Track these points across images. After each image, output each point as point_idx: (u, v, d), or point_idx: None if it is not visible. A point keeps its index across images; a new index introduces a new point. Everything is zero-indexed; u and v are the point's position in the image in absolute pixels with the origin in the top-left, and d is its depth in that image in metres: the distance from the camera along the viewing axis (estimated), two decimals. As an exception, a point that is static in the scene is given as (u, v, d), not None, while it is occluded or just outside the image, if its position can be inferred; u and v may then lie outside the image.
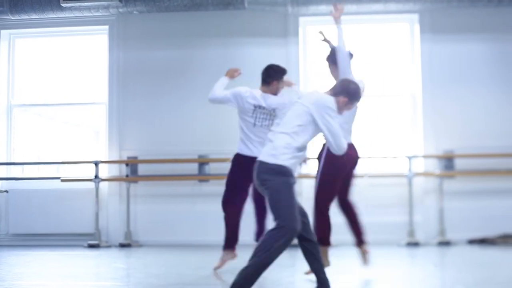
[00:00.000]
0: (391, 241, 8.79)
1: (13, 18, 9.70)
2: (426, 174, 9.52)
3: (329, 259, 6.05)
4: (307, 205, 4.92)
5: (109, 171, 9.97)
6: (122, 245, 9.45)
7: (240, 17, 9.86)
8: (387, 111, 9.98)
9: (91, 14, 9.63)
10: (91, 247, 9.33)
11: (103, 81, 10.22)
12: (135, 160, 9.82)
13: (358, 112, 6.10)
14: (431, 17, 9.73)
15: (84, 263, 7.88)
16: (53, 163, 10.13)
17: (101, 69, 10.29)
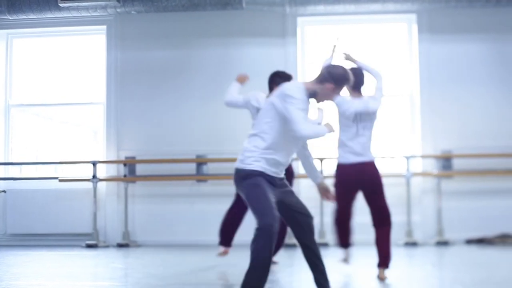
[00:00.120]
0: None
1: (11, 18, 9.69)
2: (424, 174, 9.53)
3: (349, 259, 6.38)
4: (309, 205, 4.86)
5: (107, 171, 9.96)
6: (120, 245, 9.44)
7: (238, 17, 9.86)
8: (385, 111, 9.97)
9: (89, 14, 9.62)
10: (89, 247, 9.32)
11: (101, 81, 10.21)
12: (133, 160, 9.81)
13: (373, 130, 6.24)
14: (429, 17, 9.74)
15: (82, 263, 7.88)
16: (51, 163, 10.12)
17: (99, 69, 10.28)
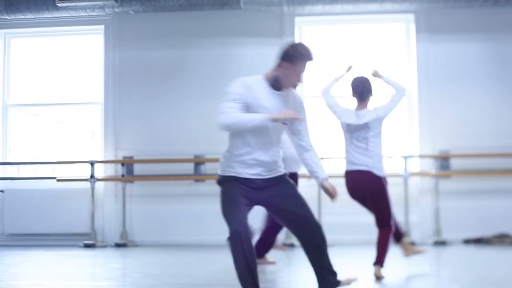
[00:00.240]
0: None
1: (8, 17, 9.69)
2: (421, 174, 9.53)
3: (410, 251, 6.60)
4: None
5: (105, 171, 9.95)
6: (118, 245, 9.44)
7: (236, 17, 9.86)
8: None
9: (87, 13, 9.62)
10: (87, 247, 9.32)
11: (99, 81, 10.20)
12: (131, 160, 9.81)
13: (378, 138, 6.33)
14: (427, 17, 9.74)
15: (79, 263, 7.87)
16: (48, 163, 10.12)
17: (96, 69, 10.27)
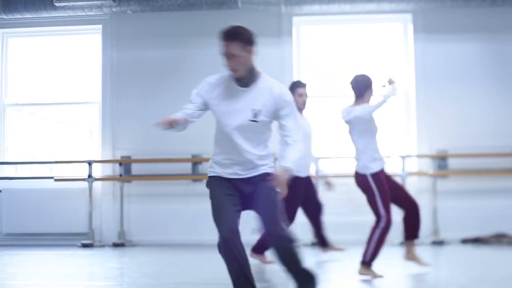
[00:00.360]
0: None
1: (6, 17, 9.68)
2: (419, 173, 9.54)
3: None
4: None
5: (103, 170, 9.95)
6: (115, 245, 9.44)
7: (233, 16, 9.82)
8: (380, 111, 9.96)
9: (85, 13, 9.61)
10: (85, 246, 9.31)
11: (97, 80, 10.20)
12: (128, 159, 9.81)
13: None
14: (425, 16, 9.75)
15: (77, 262, 7.86)
16: (46, 163, 10.10)
17: (94, 68, 10.27)
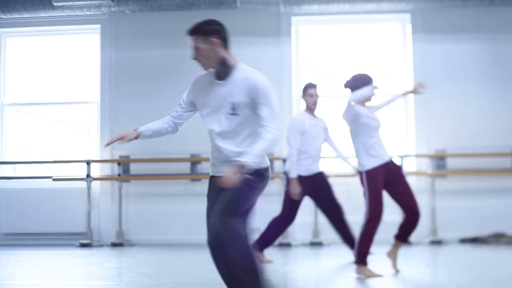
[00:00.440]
0: (383, 241, 8.79)
1: (4, 17, 9.66)
2: (418, 173, 9.54)
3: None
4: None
5: (101, 170, 9.94)
6: (114, 244, 9.43)
7: (232, 16, 9.82)
8: (379, 110, 9.96)
9: (83, 13, 9.61)
10: (83, 246, 9.31)
11: (95, 80, 10.19)
12: (127, 159, 9.80)
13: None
14: (423, 16, 9.75)
15: (75, 262, 7.86)
16: (44, 162, 10.10)
17: (93, 68, 10.26)
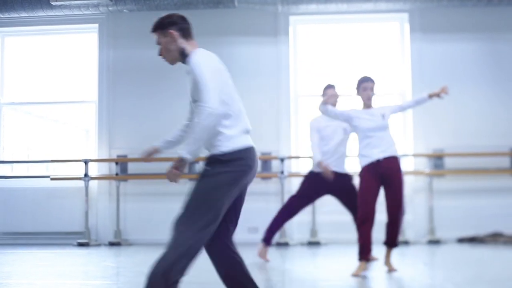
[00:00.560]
0: (381, 240, 8.81)
1: (2, 16, 9.66)
2: (416, 173, 9.54)
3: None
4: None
5: (99, 169, 9.94)
6: (111, 244, 9.43)
7: (230, 15, 9.85)
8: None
9: (81, 12, 9.61)
10: (81, 245, 9.30)
11: (93, 79, 10.19)
12: (124, 158, 9.80)
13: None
14: (421, 16, 9.76)
15: (73, 261, 7.85)
16: (42, 162, 10.10)
17: (91, 67, 10.26)
